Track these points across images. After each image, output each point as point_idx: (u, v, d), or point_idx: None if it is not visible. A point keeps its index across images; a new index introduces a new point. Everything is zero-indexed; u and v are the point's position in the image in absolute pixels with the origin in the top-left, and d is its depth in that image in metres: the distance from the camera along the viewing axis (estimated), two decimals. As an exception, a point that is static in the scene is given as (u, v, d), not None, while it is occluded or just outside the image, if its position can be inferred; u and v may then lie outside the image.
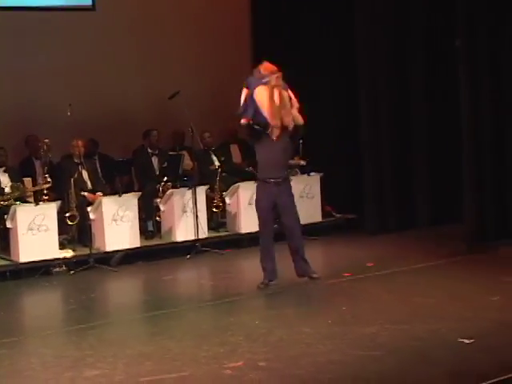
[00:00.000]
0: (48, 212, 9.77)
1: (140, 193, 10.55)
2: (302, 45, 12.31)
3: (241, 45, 13.04)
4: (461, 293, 7.88)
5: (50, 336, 7.26)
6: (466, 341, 6.34)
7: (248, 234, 10.91)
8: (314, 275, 8.57)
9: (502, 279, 8.29)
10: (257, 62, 12.57)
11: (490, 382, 5.35)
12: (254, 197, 8.87)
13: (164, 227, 10.79)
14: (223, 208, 11.17)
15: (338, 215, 11.77)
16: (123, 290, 9.39)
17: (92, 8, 11.63)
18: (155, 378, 5.87)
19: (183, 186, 10.75)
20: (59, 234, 10.16)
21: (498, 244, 9.89)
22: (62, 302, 9.01)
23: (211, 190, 11.11)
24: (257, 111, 8.37)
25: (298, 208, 11.13)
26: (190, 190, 10.58)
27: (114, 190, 10.77)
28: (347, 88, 11.73)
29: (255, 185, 8.87)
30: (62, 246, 10.08)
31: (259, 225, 8.63)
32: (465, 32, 10.04)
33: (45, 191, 10.19)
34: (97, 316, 7.93)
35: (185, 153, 11.57)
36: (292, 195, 8.79)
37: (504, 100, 10.04)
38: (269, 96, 8.31)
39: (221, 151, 12.05)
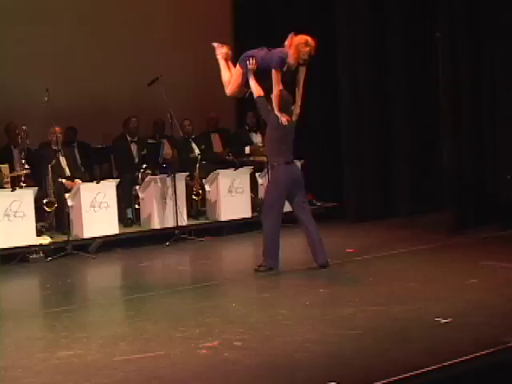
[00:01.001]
0: (25, 198, 9.66)
1: (118, 180, 10.44)
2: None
3: (223, 32, 12.94)
4: (438, 276, 7.85)
5: (24, 319, 7.14)
6: (443, 320, 6.29)
7: (227, 221, 10.90)
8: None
9: (479, 263, 8.28)
10: (239, 48, 12.81)
11: (465, 358, 5.29)
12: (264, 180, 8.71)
13: (143, 215, 10.71)
14: (203, 196, 11.10)
15: (318, 203, 11.71)
16: (100, 276, 9.28)
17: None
18: (129, 358, 5.78)
19: (162, 174, 10.66)
20: (37, 222, 10.07)
21: (476, 230, 9.90)
22: (37, 288, 8.92)
23: (191, 177, 11.05)
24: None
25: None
26: (169, 178, 10.49)
27: (93, 177, 10.70)
28: (328, 76, 11.65)
29: (270, 168, 8.76)
30: (39, 233, 9.98)
31: (273, 209, 8.34)
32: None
33: (22, 178, 10.10)
34: (72, 300, 7.83)
35: (165, 141, 11.51)
36: None
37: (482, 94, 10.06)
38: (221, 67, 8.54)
39: (201, 140, 11.99)
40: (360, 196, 11.32)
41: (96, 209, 10.05)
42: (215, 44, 8.71)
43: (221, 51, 8.63)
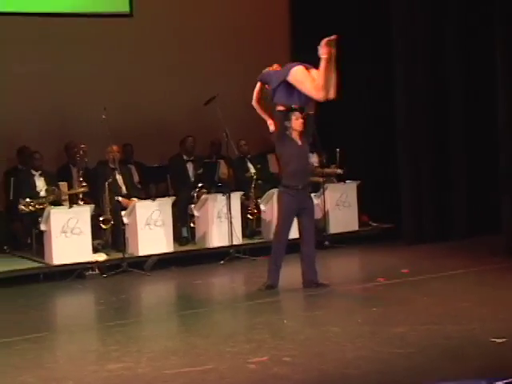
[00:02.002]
0: (82, 215, 9.78)
1: (174, 197, 10.50)
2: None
3: (279, 52, 12.99)
4: (495, 297, 7.71)
5: (77, 332, 7.25)
6: (498, 340, 6.18)
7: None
8: (324, 282, 8.44)
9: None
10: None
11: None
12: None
13: (198, 233, 10.74)
14: (258, 215, 11.10)
15: (374, 224, 11.63)
16: (154, 292, 9.32)
17: (130, 15, 11.66)
18: (179, 371, 5.80)
19: (218, 192, 10.69)
20: (94, 239, 10.19)
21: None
22: (92, 303, 8.99)
23: (246, 197, 11.06)
24: (288, 93, 8.21)
25: (334, 216, 11.25)
26: (225, 197, 10.52)
27: (149, 195, 10.80)
28: (386, 96, 11.58)
29: (278, 191, 8.67)
30: (96, 250, 10.07)
31: (281, 231, 8.49)
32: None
33: (80, 196, 10.25)
34: (126, 315, 7.88)
35: (221, 161, 11.55)
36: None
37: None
38: (323, 67, 8.03)
39: (258, 159, 12.02)
40: (417, 218, 11.15)
41: (151, 226, 10.12)
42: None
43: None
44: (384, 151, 11.79)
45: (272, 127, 8.50)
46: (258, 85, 8.58)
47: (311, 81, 8.14)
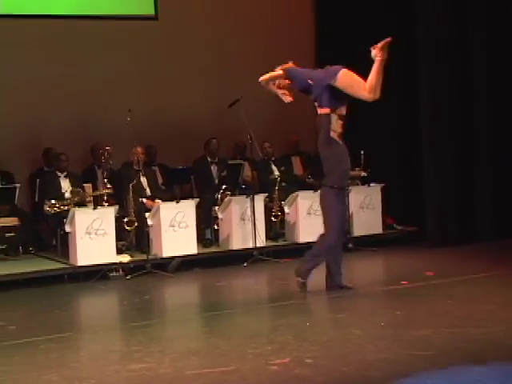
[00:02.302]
0: (106, 216, 9.81)
1: (197, 199, 10.52)
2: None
3: (304, 54, 12.96)
4: (518, 300, 7.65)
5: (100, 332, 7.27)
6: (523, 344, 6.14)
7: (306, 243, 10.82)
8: (348, 284, 8.41)
9: None
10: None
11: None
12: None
13: (222, 235, 10.74)
14: (282, 218, 11.09)
15: (399, 227, 11.59)
16: (177, 293, 9.32)
17: (155, 17, 11.70)
18: (200, 372, 5.80)
19: (241, 194, 10.70)
20: (118, 241, 10.24)
21: None
22: (115, 304, 9.01)
23: (270, 199, 11.06)
24: (334, 97, 8.20)
25: (358, 219, 11.23)
26: (248, 199, 10.52)
27: (174, 197, 10.82)
28: (410, 98, 11.54)
29: (326, 192, 8.44)
30: (120, 252, 10.13)
31: (337, 231, 8.34)
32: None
33: (105, 197, 10.29)
34: (148, 316, 7.90)
35: (245, 163, 11.56)
36: None
37: None
38: (377, 69, 8.06)
39: (282, 162, 12.02)
40: (441, 220, 11.10)
41: (175, 228, 10.14)
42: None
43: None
44: (408, 153, 11.74)
45: (288, 98, 8.38)
46: (279, 72, 8.53)
47: (359, 82, 8.16)
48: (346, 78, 8.18)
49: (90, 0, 11.56)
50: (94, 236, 9.73)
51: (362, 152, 11.33)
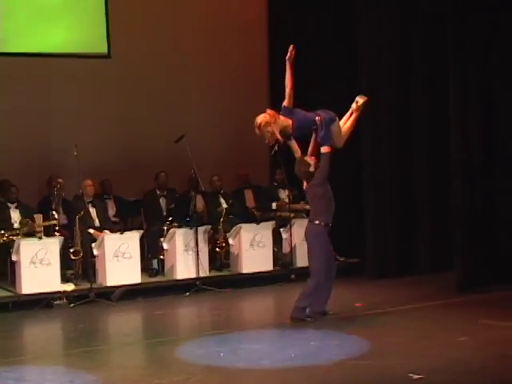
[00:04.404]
0: (51, 247, 9.89)
1: (141, 231, 10.59)
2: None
3: (257, 93, 13.13)
4: (431, 333, 7.72)
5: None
6: (415, 376, 6.19)
7: (249, 274, 10.92)
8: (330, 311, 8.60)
9: (478, 321, 8.10)
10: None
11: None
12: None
13: (167, 265, 10.81)
14: (227, 249, 11.16)
15: (341, 259, 11.61)
16: (111, 322, 9.40)
17: (107, 56, 11.85)
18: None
19: (186, 226, 10.77)
20: (67, 269, 10.30)
21: (489, 289, 9.71)
22: (42, 333, 8.91)
23: (215, 231, 11.13)
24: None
25: (300, 250, 11.28)
26: (192, 230, 10.59)
27: (127, 228, 10.91)
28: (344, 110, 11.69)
29: (317, 229, 8.43)
30: (68, 280, 10.19)
31: (323, 269, 8.42)
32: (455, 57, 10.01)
33: (57, 227, 10.38)
34: (72, 345, 7.92)
35: (197, 195, 11.62)
36: None
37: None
38: (353, 124, 8.55)
39: (233, 195, 12.10)
40: (380, 254, 11.18)
41: (119, 258, 10.21)
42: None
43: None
44: (350, 189, 11.80)
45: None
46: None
47: (341, 133, 8.55)
48: (338, 127, 8.49)
49: (48, 39, 11.70)
50: (38, 265, 9.79)
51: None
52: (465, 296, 9.47)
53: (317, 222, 8.43)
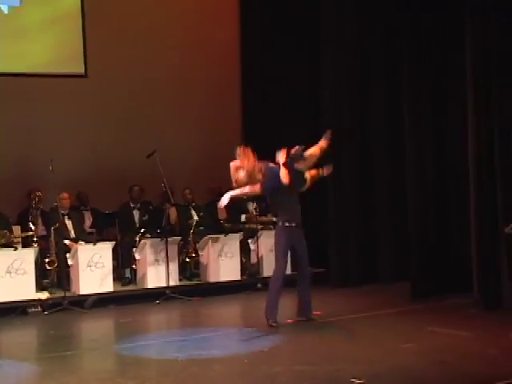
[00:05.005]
0: (26, 257, 10.02)
1: (114, 242, 10.72)
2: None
3: (229, 111, 13.29)
4: (379, 340, 7.84)
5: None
6: (357, 381, 6.31)
7: (217, 283, 11.04)
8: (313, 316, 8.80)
9: (426, 329, 8.22)
10: (246, 131, 13.12)
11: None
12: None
13: (139, 274, 10.93)
14: (197, 259, 11.28)
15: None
16: (81, 328, 9.51)
17: (84, 75, 12.01)
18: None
19: (157, 237, 10.91)
20: (43, 279, 10.42)
21: (442, 297, 9.83)
22: (13, 338, 9.03)
23: (185, 242, 11.26)
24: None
25: (267, 261, 11.41)
26: (163, 241, 10.71)
27: (103, 239, 11.04)
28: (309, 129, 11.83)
29: (276, 228, 8.85)
30: (44, 289, 10.32)
31: (280, 268, 8.74)
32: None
33: (35, 238, 10.51)
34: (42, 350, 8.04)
35: (169, 207, 11.74)
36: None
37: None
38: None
39: (208, 207, 12.21)
40: (343, 263, 11.34)
41: (92, 268, 10.32)
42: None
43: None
44: (315, 201, 11.94)
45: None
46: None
47: None
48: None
49: (26, 60, 11.88)
50: (14, 275, 9.90)
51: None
52: (418, 304, 9.61)
53: (279, 223, 8.70)
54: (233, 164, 8.71)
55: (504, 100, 9.09)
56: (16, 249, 10.09)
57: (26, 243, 10.72)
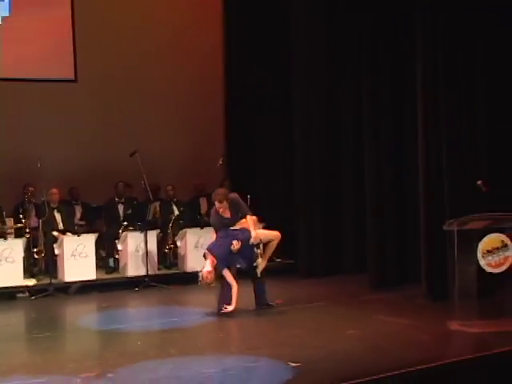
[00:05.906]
0: (15, 247, 10.33)
1: (97, 234, 10.99)
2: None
3: (212, 113, 13.48)
4: (327, 326, 8.02)
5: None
6: (293, 364, 6.51)
7: (193, 272, 11.23)
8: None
9: (375, 317, 8.38)
10: (228, 129, 13.31)
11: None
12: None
13: (121, 263, 11.21)
14: (175, 250, 11.54)
15: (277, 260, 11.94)
16: (63, 312, 9.79)
17: (74, 80, 12.26)
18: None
19: (137, 230, 11.16)
20: (34, 266, 10.71)
21: (400, 288, 9.97)
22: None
23: (165, 234, 11.51)
24: None
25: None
26: (143, 234, 10.97)
27: (92, 231, 11.34)
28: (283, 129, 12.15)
29: None
30: (32, 276, 10.60)
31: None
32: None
33: (27, 230, 10.80)
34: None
35: (155, 202, 11.99)
36: None
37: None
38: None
39: (187, 203, 12.42)
40: (310, 254, 11.54)
41: (76, 257, 10.60)
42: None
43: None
44: (283, 198, 12.21)
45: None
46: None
47: None
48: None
49: (19, 65, 12.08)
50: (3, 263, 10.19)
51: (249, 196, 11.75)
52: (375, 294, 9.77)
53: None
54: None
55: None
56: (6, 239, 10.36)
57: (19, 234, 11.01)
